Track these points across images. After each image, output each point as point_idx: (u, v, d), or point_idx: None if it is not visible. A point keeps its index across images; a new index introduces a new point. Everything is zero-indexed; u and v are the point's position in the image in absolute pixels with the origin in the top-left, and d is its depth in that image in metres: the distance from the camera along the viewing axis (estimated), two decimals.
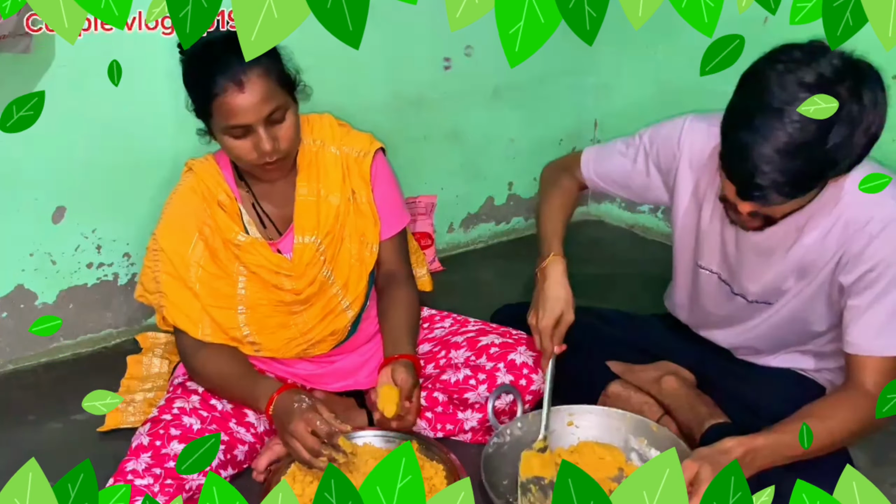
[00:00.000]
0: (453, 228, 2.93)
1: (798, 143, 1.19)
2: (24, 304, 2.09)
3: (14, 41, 1.74)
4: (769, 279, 1.53)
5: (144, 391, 1.90)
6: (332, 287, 1.66)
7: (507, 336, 1.74)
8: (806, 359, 1.64)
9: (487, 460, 1.51)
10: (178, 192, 1.62)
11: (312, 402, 1.46)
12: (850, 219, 1.38)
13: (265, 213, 1.63)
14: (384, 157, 1.71)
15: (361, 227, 1.67)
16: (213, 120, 1.46)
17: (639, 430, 1.59)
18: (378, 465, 0.68)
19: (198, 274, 1.59)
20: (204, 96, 1.44)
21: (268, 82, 1.43)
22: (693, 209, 1.60)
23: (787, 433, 1.34)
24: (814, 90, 1.18)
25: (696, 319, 1.78)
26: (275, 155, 1.47)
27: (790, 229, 1.44)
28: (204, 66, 1.43)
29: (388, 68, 2.53)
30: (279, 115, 1.46)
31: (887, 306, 1.37)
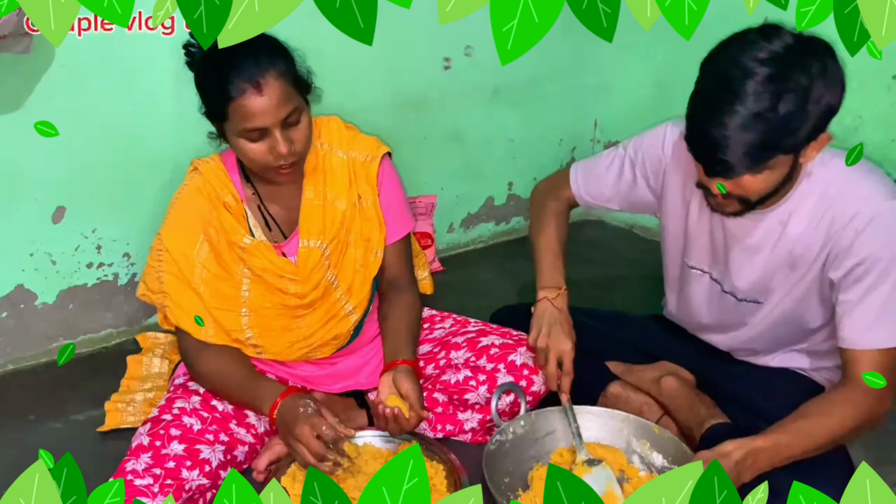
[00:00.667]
0: (453, 228, 2.93)
1: (752, 113, 1.24)
2: (24, 304, 2.09)
3: (14, 41, 1.74)
4: (758, 276, 1.54)
5: (144, 391, 1.90)
6: (336, 291, 1.65)
7: (508, 337, 1.74)
8: (803, 358, 1.64)
9: (489, 457, 1.51)
10: (183, 192, 1.61)
11: (317, 407, 1.46)
12: (835, 214, 1.40)
13: (270, 215, 1.62)
14: (391, 162, 1.71)
15: (367, 231, 1.66)
16: (229, 123, 1.45)
17: (641, 433, 1.59)
18: (384, 466, 0.68)
19: (202, 275, 1.58)
20: (220, 99, 1.42)
21: (285, 84, 1.43)
22: (681, 210, 1.63)
23: (785, 433, 1.34)
24: (766, 64, 1.23)
25: (691, 325, 1.79)
26: (290, 157, 1.46)
27: (774, 224, 1.47)
28: (220, 68, 1.41)
29: (388, 68, 2.53)
30: (295, 117, 1.45)
31: (877, 300, 1.38)
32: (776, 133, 1.26)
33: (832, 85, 1.26)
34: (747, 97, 1.24)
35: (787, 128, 1.26)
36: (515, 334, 1.75)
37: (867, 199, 1.37)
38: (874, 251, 1.36)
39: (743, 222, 1.50)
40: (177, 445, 1.46)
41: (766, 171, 1.31)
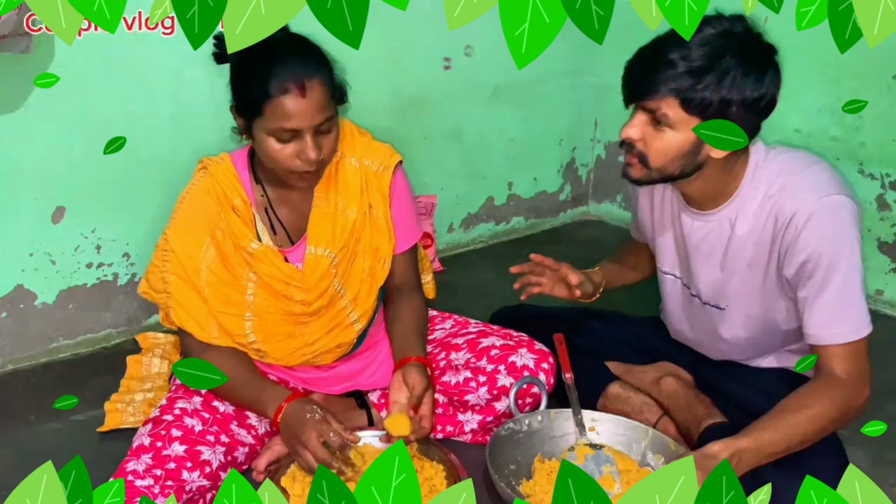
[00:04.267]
0: (453, 228, 2.93)
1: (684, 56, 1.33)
2: (24, 304, 2.09)
3: (14, 41, 1.74)
4: (717, 278, 1.57)
5: (144, 391, 1.90)
6: (342, 300, 1.64)
7: (508, 338, 1.73)
8: (795, 357, 1.66)
9: (498, 441, 1.53)
10: (192, 192, 1.59)
11: (324, 413, 1.46)
12: (777, 212, 1.43)
13: (279, 219, 1.61)
14: (403, 172, 1.70)
15: (376, 241, 1.65)
16: (261, 120, 1.43)
17: (658, 447, 1.58)
18: (371, 465, 0.68)
19: (207, 278, 1.57)
20: (258, 94, 1.40)
21: (326, 91, 1.43)
22: (648, 217, 1.70)
23: (768, 430, 1.36)
24: (715, 28, 1.33)
25: (677, 335, 1.81)
26: (315, 165, 1.46)
27: (723, 225, 1.51)
28: (265, 64, 1.40)
29: (388, 68, 2.53)
30: (328, 126, 1.45)
31: (831, 295, 1.40)
32: (694, 79, 1.32)
33: (758, 82, 1.34)
34: (691, 45, 1.32)
35: (705, 84, 1.32)
36: (516, 336, 1.75)
37: (804, 197, 1.40)
38: (816, 247, 1.39)
39: (695, 224, 1.55)
40: (178, 446, 1.45)
41: (667, 128, 1.37)
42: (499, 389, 1.65)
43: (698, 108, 1.33)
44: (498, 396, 1.66)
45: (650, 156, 1.41)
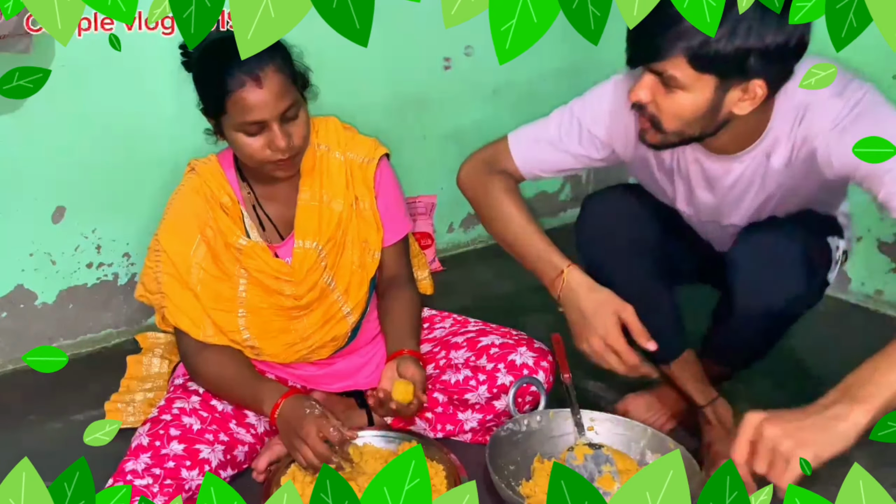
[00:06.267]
0: (453, 228, 2.93)
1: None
2: (24, 304, 2.09)
3: (14, 41, 1.74)
4: (753, 208, 1.50)
5: (144, 391, 1.90)
6: (333, 293, 1.65)
7: (508, 336, 1.73)
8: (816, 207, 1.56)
9: (497, 442, 1.53)
10: (180, 192, 1.62)
11: (323, 409, 1.46)
12: (807, 137, 1.34)
13: (267, 215, 1.62)
14: (388, 164, 1.71)
15: (364, 233, 1.66)
16: (227, 117, 1.45)
17: (657, 446, 1.58)
18: (386, 466, 0.68)
19: (199, 276, 1.58)
20: (218, 92, 1.43)
21: (283, 78, 1.44)
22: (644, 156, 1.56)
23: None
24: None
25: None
26: (288, 152, 1.47)
27: (758, 161, 1.41)
28: (219, 62, 1.42)
29: (388, 68, 2.53)
30: (293, 112, 1.46)
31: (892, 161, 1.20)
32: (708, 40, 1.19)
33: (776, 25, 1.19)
34: None
35: (717, 37, 1.19)
36: (516, 334, 1.75)
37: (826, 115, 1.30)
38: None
39: (725, 166, 1.44)
40: (176, 445, 1.46)
41: (679, 90, 1.26)
42: (499, 388, 1.65)
43: (711, 64, 1.22)
44: (498, 395, 1.66)
45: (663, 119, 1.32)
